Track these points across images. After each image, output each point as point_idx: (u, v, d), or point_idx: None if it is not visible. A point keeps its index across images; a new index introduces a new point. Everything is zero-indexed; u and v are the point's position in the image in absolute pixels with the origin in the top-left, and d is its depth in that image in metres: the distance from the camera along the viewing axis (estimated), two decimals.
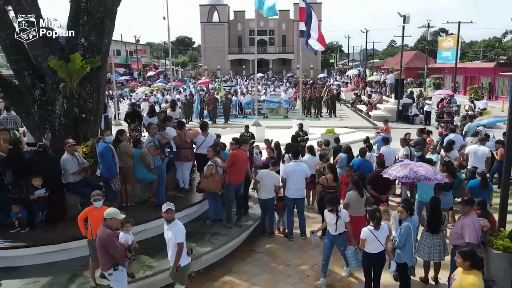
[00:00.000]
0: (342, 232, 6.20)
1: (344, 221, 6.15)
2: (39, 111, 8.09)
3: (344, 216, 6.17)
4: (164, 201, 6.47)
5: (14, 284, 5.62)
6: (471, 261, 4.21)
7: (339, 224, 6.10)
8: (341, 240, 6.26)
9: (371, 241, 5.38)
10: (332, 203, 6.14)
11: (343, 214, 6.17)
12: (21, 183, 6.44)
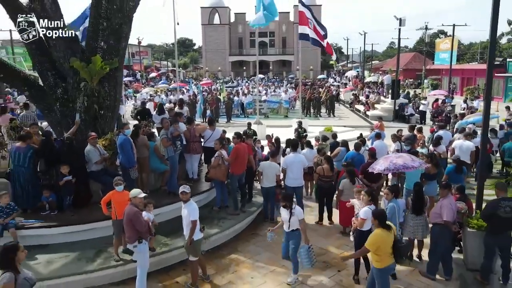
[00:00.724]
0: (295, 229, 6.17)
1: (298, 218, 6.11)
2: (61, 108, 8.85)
3: (298, 213, 6.13)
4: (176, 188, 7.28)
5: (46, 258, 6.40)
6: (378, 220, 5.22)
7: (292, 221, 6.09)
8: (294, 238, 6.21)
9: (370, 220, 6.14)
10: (286, 199, 6.19)
11: (297, 211, 6.15)
12: (51, 171, 7.25)
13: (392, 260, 5.26)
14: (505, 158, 11.42)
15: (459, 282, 6.42)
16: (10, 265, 3.91)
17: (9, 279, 3.82)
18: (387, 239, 5.15)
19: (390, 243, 5.15)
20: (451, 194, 6.49)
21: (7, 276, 3.83)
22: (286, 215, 6.18)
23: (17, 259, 3.96)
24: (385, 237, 5.14)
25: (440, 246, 6.34)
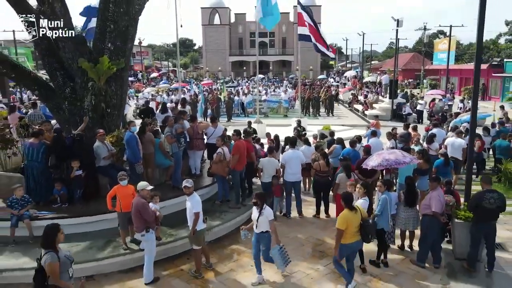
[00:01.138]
0: (264, 231, 6.09)
1: (267, 219, 6.02)
2: (69, 106, 9.26)
3: (267, 214, 6.03)
4: (180, 183, 7.66)
5: (59, 246, 6.79)
6: (345, 202, 5.86)
7: (260, 221, 6.02)
8: (263, 240, 6.15)
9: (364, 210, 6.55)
10: (258, 197, 6.12)
11: (267, 212, 6.05)
12: (62, 166, 7.66)
13: (357, 238, 5.90)
14: (496, 155, 11.83)
15: (447, 270, 6.81)
16: (51, 245, 4.35)
17: (53, 259, 4.26)
18: (353, 219, 5.81)
19: (356, 223, 5.83)
20: (440, 187, 6.89)
21: (50, 257, 4.26)
22: (255, 214, 6.09)
23: (57, 240, 4.40)
24: (351, 217, 5.80)
25: (430, 236, 6.75)
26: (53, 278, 4.26)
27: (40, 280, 4.28)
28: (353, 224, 5.81)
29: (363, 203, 6.62)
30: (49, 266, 4.23)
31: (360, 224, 5.86)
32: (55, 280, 4.28)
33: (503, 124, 13.66)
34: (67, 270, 4.45)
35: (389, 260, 6.99)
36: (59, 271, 4.29)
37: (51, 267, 4.24)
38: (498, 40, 47.88)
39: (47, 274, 4.24)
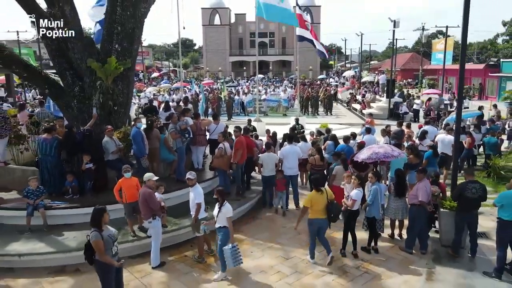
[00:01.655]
0: (222, 226, 6.33)
1: (225, 216, 6.25)
2: (78, 104, 9.76)
3: (226, 211, 6.26)
4: (184, 176, 8.15)
5: (73, 234, 7.32)
6: (314, 184, 6.80)
7: (219, 217, 6.30)
8: (220, 234, 6.38)
9: (359, 200, 7.04)
10: (219, 194, 6.39)
11: (226, 208, 6.29)
12: (73, 160, 8.16)
13: (321, 216, 6.74)
14: (486, 151, 12.33)
15: (433, 255, 7.31)
16: (98, 225, 4.96)
17: (97, 237, 4.88)
18: (319, 199, 6.70)
19: (322, 202, 6.69)
20: (427, 178, 7.38)
21: (94, 234, 4.89)
22: (216, 210, 6.35)
23: (103, 220, 5.00)
24: (317, 197, 6.70)
25: (417, 224, 7.24)
26: (98, 254, 4.89)
27: (89, 254, 4.98)
28: (318, 203, 6.69)
29: (357, 193, 7.12)
30: (93, 243, 4.87)
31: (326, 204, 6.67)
32: (100, 255, 4.90)
33: (494, 122, 14.16)
34: (110, 248, 5.03)
35: (379, 247, 7.49)
36: (103, 248, 4.87)
37: (95, 243, 4.87)
38: (496, 40, 48.37)
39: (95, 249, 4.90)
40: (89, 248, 4.96)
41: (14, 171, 8.79)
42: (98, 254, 4.90)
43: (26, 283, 6.39)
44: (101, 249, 4.86)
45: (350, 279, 6.50)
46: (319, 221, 6.77)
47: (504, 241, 6.39)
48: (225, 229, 6.33)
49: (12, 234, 7.27)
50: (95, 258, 4.97)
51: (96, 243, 4.85)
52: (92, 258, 4.99)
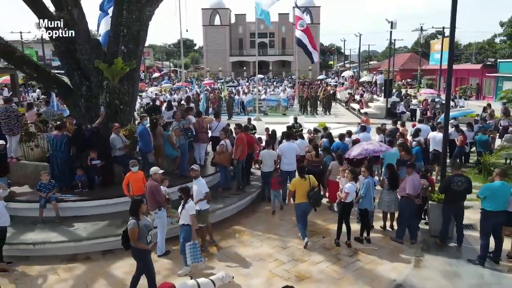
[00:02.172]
0: (185, 223, 6.57)
1: (188, 213, 6.46)
2: (85, 103, 10.21)
3: (189, 208, 6.47)
4: (186, 171, 8.65)
5: (83, 225, 7.78)
6: (299, 172, 7.65)
7: (182, 214, 6.57)
8: (182, 232, 6.63)
9: (352, 193, 7.49)
10: (182, 191, 6.69)
11: (189, 206, 6.52)
12: (82, 155, 8.62)
13: (305, 200, 7.56)
14: (477, 148, 12.79)
15: (422, 245, 7.76)
16: (136, 214, 5.45)
17: (134, 225, 5.37)
18: (303, 184, 7.58)
19: (305, 188, 7.56)
20: (415, 172, 7.83)
21: (132, 222, 5.38)
22: (180, 207, 6.64)
23: (140, 210, 5.50)
24: (301, 182, 7.61)
25: (406, 215, 7.70)
26: (131, 240, 5.38)
27: (126, 240, 5.50)
28: (301, 188, 7.59)
29: (350, 186, 7.57)
30: (130, 230, 5.37)
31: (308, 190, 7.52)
32: (133, 241, 5.39)
33: (485, 120, 14.62)
34: (145, 236, 5.50)
35: (371, 238, 7.95)
36: (137, 235, 5.36)
37: (131, 231, 5.36)
38: (494, 41, 48.87)
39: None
40: (126, 235, 5.45)
41: (26, 166, 9.25)
42: (131, 240, 5.38)
43: (41, 269, 6.83)
44: (134, 236, 5.34)
45: (343, 266, 6.95)
46: (303, 204, 7.64)
47: (487, 230, 6.84)
48: (188, 226, 6.57)
49: (26, 225, 7.72)
50: (131, 244, 5.45)
51: (132, 230, 5.33)
52: (128, 244, 5.48)
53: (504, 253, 7.16)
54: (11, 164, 8.93)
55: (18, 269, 6.84)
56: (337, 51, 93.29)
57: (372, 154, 8.57)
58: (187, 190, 6.78)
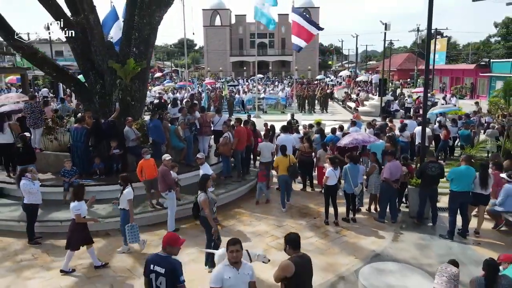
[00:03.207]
0: (123, 208, 7.16)
1: (126, 198, 7.06)
2: (100, 100, 11.22)
3: (127, 194, 7.05)
4: (192, 161, 9.70)
5: (102, 206, 8.80)
6: (280, 150, 9.54)
7: (121, 199, 7.16)
8: (121, 215, 7.30)
9: (332, 177, 8.52)
10: (121, 179, 7.33)
11: (127, 192, 7.07)
12: (100, 145, 9.63)
13: (285, 173, 9.39)
14: (460, 142, 13.81)
15: (401, 224, 8.79)
16: (204, 188, 6.53)
17: (205, 197, 6.44)
18: (284, 161, 9.46)
19: (286, 164, 9.43)
20: (395, 160, 8.83)
21: (203, 195, 6.47)
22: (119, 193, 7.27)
23: (207, 185, 6.61)
24: (282, 160, 9.50)
25: (385, 197, 8.74)
26: (204, 210, 6.42)
27: (196, 211, 6.59)
28: (283, 164, 9.48)
29: (329, 171, 8.60)
30: (202, 202, 6.41)
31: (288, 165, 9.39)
32: (206, 210, 6.42)
33: (469, 116, 15.63)
34: (212, 208, 6.57)
35: (357, 218, 8.98)
36: (209, 205, 6.41)
37: (204, 202, 6.41)
38: (488, 41, 49.91)
39: (201, 207, 6.46)
40: (196, 207, 6.55)
41: (48, 156, 10.27)
42: (205, 210, 6.41)
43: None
44: (206, 205, 6.40)
45: (330, 240, 7.98)
46: (284, 177, 9.52)
47: (454, 208, 7.87)
48: (125, 211, 7.21)
49: (52, 206, 8.74)
50: (200, 214, 6.53)
51: (204, 201, 6.41)
52: (198, 214, 6.59)
53: (472, 230, 8.19)
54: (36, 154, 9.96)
55: (47, 242, 7.87)
56: (336, 51, 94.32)
57: (361, 143, 9.61)
58: (125, 178, 7.43)
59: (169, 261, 4.16)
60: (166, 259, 4.17)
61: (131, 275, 6.73)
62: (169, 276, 4.09)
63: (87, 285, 6.40)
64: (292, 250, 4.36)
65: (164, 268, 4.10)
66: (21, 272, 6.78)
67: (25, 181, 7.37)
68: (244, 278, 4.15)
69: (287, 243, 4.38)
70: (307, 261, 4.39)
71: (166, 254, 4.21)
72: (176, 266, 4.13)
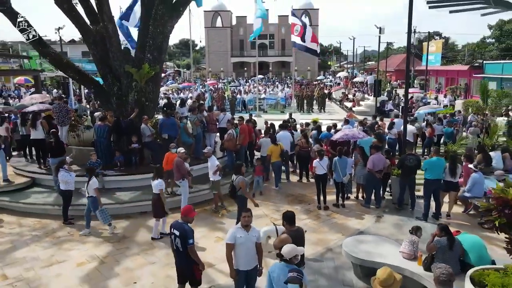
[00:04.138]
0: (90, 195, 8.30)
1: (92, 187, 8.18)
2: (116, 101, 12.50)
3: (92, 184, 8.21)
4: (201, 155, 10.99)
5: (123, 193, 10.11)
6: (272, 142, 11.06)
7: (88, 188, 8.30)
8: (88, 202, 8.38)
9: (318, 167, 9.81)
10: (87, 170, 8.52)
11: (92, 182, 8.23)
12: (121, 141, 10.94)
13: (278, 159, 11.23)
14: (444, 139, 15.10)
15: (384, 209, 10.08)
16: (240, 172, 8.10)
17: (243, 179, 8.01)
18: (276, 149, 11.17)
19: (278, 151, 11.21)
20: (378, 153, 10.11)
21: (240, 177, 8.03)
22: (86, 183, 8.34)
23: (242, 170, 8.17)
24: (274, 148, 11.18)
25: (369, 185, 10.03)
26: (242, 189, 7.94)
27: (233, 192, 8.15)
28: (275, 152, 11.19)
29: (315, 162, 9.94)
30: (241, 183, 7.94)
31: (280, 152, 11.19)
32: (244, 191, 7.94)
33: (453, 115, 16.91)
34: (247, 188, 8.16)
35: (346, 204, 10.27)
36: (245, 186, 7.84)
37: (242, 183, 7.93)
38: (483, 42, 51.21)
39: (238, 188, 7.96)
40: (233, 188, 8.06)
41: (73, 150, 11.57)
42: (243, 189, 7.94)
43: (95, 224, 9.10)
44: (244, 185, 7.92)
45: (321, 222, 9.28)
46: (277, 163, 11.36)
47: (428, 194, 9.17)
48: (93, 197, 8.34)
49: (79, 194, 10.02)
50: (238, 194, 8.04)
51: (242, 182, 8.01)
52: (235, 194, 8.10)
53: (444, 213, 9.47)
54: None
55: (79, 223, 9.16)
56: (336, 51, 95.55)
57: (350, 139, 10.93)
58: (91, 169, 8.69)
59: (184, 227, 5.44)
60: (182, 225, 5.46)
61: (152, 247, 8.03)
62: (182, 238, 5.37)
63: (117, 254, 7.70)
64: (289, 225, 5.63)
65: (179, 232, 5.39)
66: (61, 245, 8.09)
67: (63, 172, 8.68)
68: (252, 239, 5.42)
69: (284, 219, 5.66)
70: (300, 234, 5.66)
71: (183, 221, 5.50)
72: (188, 231, 5.40)
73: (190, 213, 5.62)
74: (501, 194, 5.52)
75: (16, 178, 10.98)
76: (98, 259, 7.50)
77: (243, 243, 5.37)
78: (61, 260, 7.45)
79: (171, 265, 7.07)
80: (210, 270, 6.99)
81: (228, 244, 5.37)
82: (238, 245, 5.35)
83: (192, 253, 5.43)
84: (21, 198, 9.94)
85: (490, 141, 14.07)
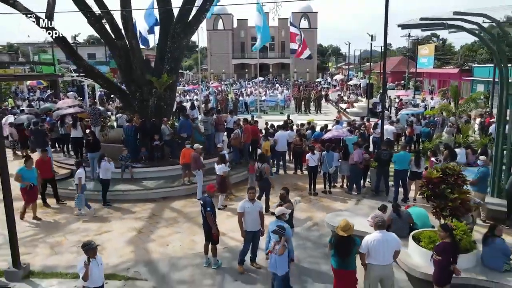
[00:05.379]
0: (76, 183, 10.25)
1: (77, 176, 10.13)
2: (139, 105, 14.66)
3: (77, 175, 10.04)
4: (212, 151, 13.16)
5: (149, 182, 12.27)
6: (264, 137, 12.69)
7: (75, 177, 10.32)
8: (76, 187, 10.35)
9: (310, 160, 11.96)
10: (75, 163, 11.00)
11: (78, 173, 10.14)
12: (145, 139, 13.11)
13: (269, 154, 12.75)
14: (422, 138, 17.26)
15: (364, 194, 12.23)
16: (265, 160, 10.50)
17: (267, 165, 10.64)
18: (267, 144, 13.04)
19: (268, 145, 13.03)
20: (359, 149, 12.26)
21: (266, 164, 10.49)
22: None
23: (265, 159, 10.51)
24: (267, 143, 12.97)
25: (353, 176, 12.18)
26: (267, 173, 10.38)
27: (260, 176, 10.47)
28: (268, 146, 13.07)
29: (308, 156, 12.08)
30: (266, 168, 10.30)
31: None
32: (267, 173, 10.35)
33: (433, 117, 19.06)
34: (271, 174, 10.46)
35: (332, 191, 12.43)
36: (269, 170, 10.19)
37: (267, 169, 10.32)
38: (474, 46, 53.35)
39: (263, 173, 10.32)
40: (260, 173, 10.37)
41: (104, 147, 13.71)
42: (267, 174, 10.30)
43: (127, 206, 11.25)
44: (269, 170, 10.33)
45: (311, 204, 11.45)
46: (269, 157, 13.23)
47: (397, 181, 11.32)
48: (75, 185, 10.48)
49: (114, 182, 12.18)
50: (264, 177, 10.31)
51: (267, 168, 10.28)
52: (261, 177, 10.36)
53: (412, 198, 11.61)
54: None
55: (115, 205, 11.32)
56: (336, 52, 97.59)
57: (337, 137, 13.11)
58: (78, 162, 10.92)
59: (206, 199, 7.64)
60: (205, 197, 7.68)
61: (176, 221, 10.19)
62: (204, 207, 7.54)
63: (150, 226, 9.86)
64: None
65: (203, 202, 7.58)
66: (105, 220, 10.25)
67: (105, 163, 10.83)
68: (256, 209, 7.61)
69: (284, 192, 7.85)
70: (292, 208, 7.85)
71: (206, 195, 7.67)
72: (207, 202, 7.58)
73: (211, 189, 7.82)
74: (428, 175, 7.73)
75: (59, 170, 13.13)
76: (136, 230, 9.67)
77: (250, 212, 7.53)
78: (108, 230, 9.62)
79: (193, 233, 9.31)
80: (223, 237, 9.12)
81: (239, 213, 7.56)
82: (246, 213, 7.52)
83: (208, 218, 7.57)
84: (67, 186, 12.08)
85: (462, 139, 16.26)
